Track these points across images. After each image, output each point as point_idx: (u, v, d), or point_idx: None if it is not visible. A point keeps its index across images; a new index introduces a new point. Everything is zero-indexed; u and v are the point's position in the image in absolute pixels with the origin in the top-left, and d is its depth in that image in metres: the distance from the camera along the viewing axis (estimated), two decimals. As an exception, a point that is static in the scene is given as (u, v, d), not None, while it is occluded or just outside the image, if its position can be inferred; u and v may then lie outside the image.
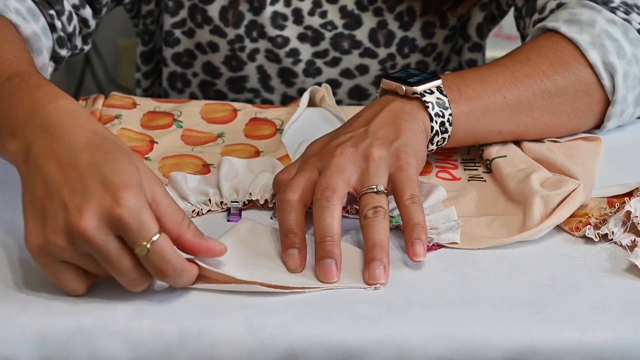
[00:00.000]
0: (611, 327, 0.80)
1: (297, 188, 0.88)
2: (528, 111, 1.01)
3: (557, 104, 1.02)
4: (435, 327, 0.80)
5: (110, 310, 0.79)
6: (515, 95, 1.00)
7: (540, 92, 1.01)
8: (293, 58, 1.27)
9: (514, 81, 1.00)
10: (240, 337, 0.78)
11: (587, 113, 1.05)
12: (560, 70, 1.02)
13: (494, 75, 1.00)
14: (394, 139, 0.91)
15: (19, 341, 0.78)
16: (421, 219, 0.87)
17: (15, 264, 0.86)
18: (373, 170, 0.89)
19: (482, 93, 0.98)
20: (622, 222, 0.90)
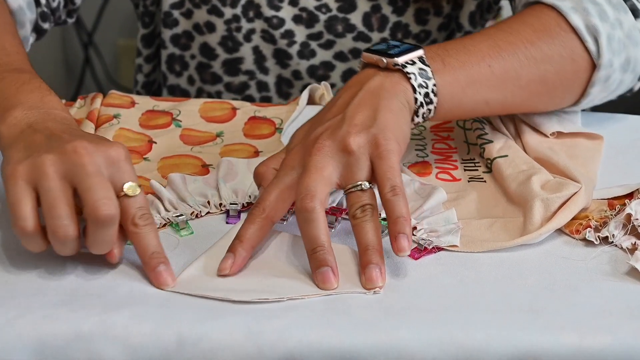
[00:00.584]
0: (611, 332, 0.80)
1: (264, 202, 0.87)
2: (515, 79, 0.99)
3: (543, 72, 1.00)
4: (435, 331, 0.79)
5: (109, 315, 0.79)
6: (501, 63, 0.98)
7: (526, 59, 0.99)
8: (288, 39, 1.27)
9: (498, 50, 0.98)
10: (239, 343, 0.78)
11: (573, 81, 1.03)
12: (544, 37, 1.00)
13: (477, 45, 0.98)
14: (371, 123, 0.89)
15: (18, 347, 0.78)
16: (404, 211, 0.85)
17: (14, 269, 0.86)
18: (354, 164, 0.87)
19: (466, 63, 0.96)
20: (622, 224, 0.90)
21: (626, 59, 1.03)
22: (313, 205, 0.84)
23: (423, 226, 0.91)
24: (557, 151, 1.02)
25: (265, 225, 0.86)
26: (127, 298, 0.81)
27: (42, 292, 0.82)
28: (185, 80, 1.33)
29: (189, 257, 0.88)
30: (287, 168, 0.89)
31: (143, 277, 0.85)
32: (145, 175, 1.00)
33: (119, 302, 0.81)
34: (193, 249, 0.89)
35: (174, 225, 0.92)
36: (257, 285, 0.84)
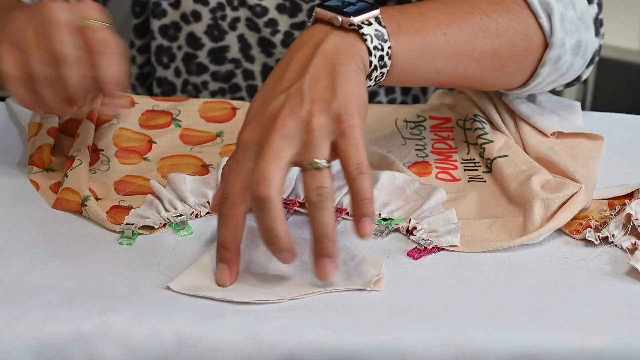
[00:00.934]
0: (611, 332, 0.80)
1: (230, 195, 0.83)
2: (469, 50, 0.97)
3: (497, 45, 0.98)
4: (435, 331, 0.79)
5: (108, 316, 0.79)
6: (456, 32, 0.95)
7: (481, 30, 0.97)
8: (271, 28, 1.27)
9: (454, 18, 0.96)
10: (239, 343, 0.78)
11: (525, 57, 1.01)
12: (499, 9, 0.98)
13: (433, 12, 0.96)
14: (332, 96, 0.85)
15: (18, 347, 0.77)
16: (368, 193, 0.83)
17: (13, 269, 0.86)
18: (313, 142, 0.83)
19: (422, 29, 0.93)
20: (622, 224, 0.90)
21: (577, 41, 1.02)
22: (267, 194, 0.81)
23: (423, 226, 0.91)
24: (558, 151, 1.02)
25: (240, 220, 0.84)
26: (127, 298, 0.81)
27: (42, 293, 0.82)
28: (173, 72, 1.33)
29: (189, 257, 0.87)
30: (244, 149, 0.84)
31: (143, 278, 0.85)
32: (145, 175, 1.00)
33: (118, 302, 0.81)
34: (193, 249, 0.89)
35: (173, 225, 0.92)
36: (257, 285, 0.83)
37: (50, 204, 0.95)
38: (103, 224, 0.92)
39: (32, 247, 0.88)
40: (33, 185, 0.98)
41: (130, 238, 0.90)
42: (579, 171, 0.96)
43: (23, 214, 0.93)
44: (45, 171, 1.00)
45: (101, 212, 0.92)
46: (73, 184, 0.95)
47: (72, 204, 0.94)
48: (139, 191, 0.97)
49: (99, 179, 0.99)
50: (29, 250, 0.88)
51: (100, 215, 0.92)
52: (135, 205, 0.95)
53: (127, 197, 0.96)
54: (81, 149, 1.00)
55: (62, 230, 0.91)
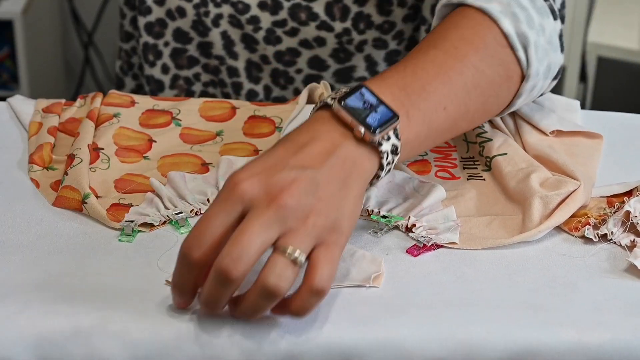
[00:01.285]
0: (610, 328, 0.80)
1: (204, 242, 0.78)
2: (465, 115, 0.95)
3: (486, 98, 0.97)
4: (434, 328, 0.80)
5: (108, 312, 0.79)
6: (455, 103, 0.93)
7: (473, 89, 0.95)
8: (254, 25, 1.28)
9: (450, 84, 0.93)
10: (238, 339, 0.78)
11: (506, 97, 1.00)
12: (485, 57, 0.96)
13: (432, 82, 0.92)
14: (336, 206, 0.81)
15: (17, 342, 0.78)
16: (307, 313, 0.79)
17: (14, 265, 0.86)
18: (303, 235, 0.78)
19: (427, 112, 0.91)
20: (621, 222, 0.90)
21: (547, 65, 1.00)
22: (237, 276, 0.76)
23: (422, 223, 0.91)
24: (557, 149, 1.02)
25: (200, 271, 0.79)
26: (127, 295, 0.82)
27: (42, 288, 0.82)
28: (159, 70, 1.33)
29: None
30: (237, 199, 0.79)
31: (143, 274, 0.85)
32: (145, 173, 1.01)
33: (118, 298, 0.81)
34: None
35: (173, 223, 0.92)
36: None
37: (50, 202, 0.95)
38: (103, 222, 0.92)
39: (33, 244, 0.89)
40: (33, 184, 0.99)
41: (130, 235, 0.90)
42: (578, 169, 0.97)
43: (23, 212, 0.94)
44: (45, 169, 1.01)
45: (101, 209, 0.92)
46: (73, 181, 0.96)
47: (72, 201, 0.94)
48: (139, 189, 0.98)
49: (99, 177, 0.99)
50: (29, 247, 0.88)
51: (101, 212, 0.92)
52: (135, 203, 0.95)
53: (127, 195, 0.97)
54: (81, 148, 1.00)
55: (62, 227, 0.91)
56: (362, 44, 1.27)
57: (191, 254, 0.78)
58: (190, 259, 0.78)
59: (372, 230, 0.92)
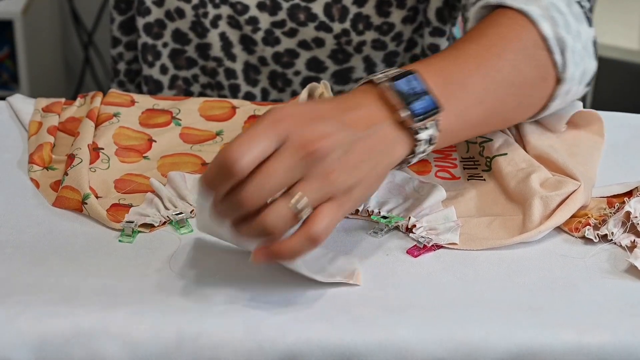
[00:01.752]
0: (610, 329, 0.80)
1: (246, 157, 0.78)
2: (499, 111, 0.98)
3: (521, 97, 0.99)
4: (434, 328, 0.80)
5: (108, 312, 0.79)
6: (492, 99, 0.96)
7: (510, 87, 0.97)
8: (252, 26, 1.28)
9: (490, 81, 0.95)
10: (238, 340, 0.78)
11: (541, 99, 1.02)
12: (523, 57, 0.98)
13: (473, 77, 0.95)
14: (361, 176, 0.83)
15: (18, 344, 0.78)
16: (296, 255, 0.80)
17: (14, 265, 0.86)
18: (318, 187, 0.80)
19: (464, 105, 0.93)
20: (621, 222, 0.90)
21: (582, 70, 1.02)
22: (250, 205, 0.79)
23: (422, 224, 0.91)
24: (558, 149, 1.02)
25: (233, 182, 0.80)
26: (127, 295, 0.82)
27: (42, 290, 0.82)
28: (158, 70, 1.33)
29: (189, 255, 0.88)
30: (279, 130, 0.80)
31: (143, 275, 0.85)
32: (145, 173, 1.01)
33: (118, 299, 0.81)
34: (193, 247, 0.89)
35: (173, 224, 0.92)
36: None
37: (50, 202, 0.95)
38: (103, 222, 0.92)
39: (33, 245, 0.89)
40: (33, 184, 0.98)
41: (130, 236, 0.90)
42: (578, 169, 0.97)
43: (23, 212, 0.93)
44: (45, 169, 1.01)
45: (101, 210, 0.92)
46: (73, 182, 0.95)
47: (72, 202, 0.94)
48: (139, 189, 0.98)
49: (99, 177, 0.99)
50: (30, 248, 0.88)
51: (101, 213, 0.92)
52: (136, 204, 0.95)
53: (127, 195, 0.97)
54: (81, 148, 1.00)
55: (63, 228, 0.91)
56: (361, 45, 1.27)
57: (234, 163, 0.78)
58: (232, 168, 0.78)
59: (372, 231, 0.92)
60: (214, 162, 0.80)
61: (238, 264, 0.86)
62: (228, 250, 0.88)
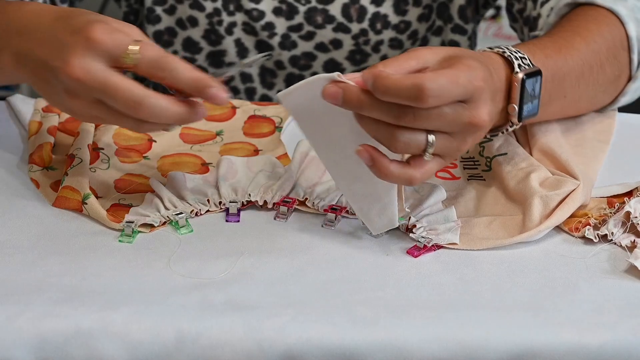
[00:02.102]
0: (611, 329, 0.80)
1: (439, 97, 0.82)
2: (575, 104, 1.04)
3: (597, 92, 1.05)
4: (434, 329, 0.79)
5: (108, 312, 0.79)
6: (573, 93, 1.02)
7: (592, 85, 1.03)
8: (269, 31, 1.28)
9: (580, 77, 1.02)
10: (238, 340, 0.78)
11: (612, 95, 1.08)
12: (611, 59, 1.05)
13: (571, 74, 1.00)
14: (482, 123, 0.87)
15: (18, 343, 0.78)
16: (385, 176, 0.85)
17: (14, 265, 0.86)
18: (451, 149, 0.85)
19: (551, 101, 0.99)
20: (621, 222, 0.90)
21: None
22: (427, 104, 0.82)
23: (422, 224, 0.91)
24: (563, 144, 1.02)
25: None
26: (127, 295, 0.81)
27: (42, 289, 0.82)
28: None
29: (189, 255, 0.88)
30: (472, 87, 0.84)
31: (143, 275, 0.85)
32: (145, 173, 1.01)
33: (118, 299, 0.81)
34: (193, 247, 0.89)
35: (173, 224, 0.92)
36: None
37: (50, 202, 0.95)
38: (103, 222, 0.92)
39: (33, 245, 0.89)
40: (33, 184, 0.98)
41: (130, 236, 0.90)
42: (579, 167, 0.97)
43: (23, 212, 0.93)
44: (45, 169, 1.00)
45: (101, 210, 0.92)
46: (73, 182, 0.95)
47: (72, 202, 0.94)
48: (139, 189, 0.97)
49: (99, 177, 0.99)
50: (30, 248, 0.88)
51: (101, 213, 0.92)
52: (135, 204, 0.95)
53: (127, 195, 0.97)
54: (81, 148, 1.00)
55: (62, 228, 0.91)
56: (379, 44, 1.28)
57: (428, 98, 0.81)
58: (422, 98, 0.81)
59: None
60: (408, 81, 0.81)
61: (238, 264, 0.86)
62: (228, 251, 0.88)
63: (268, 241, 0.90)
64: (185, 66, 0.85)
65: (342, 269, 0.86)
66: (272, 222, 0.93)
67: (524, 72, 0.91)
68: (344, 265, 0.87)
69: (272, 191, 0.95)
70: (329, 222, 0.93)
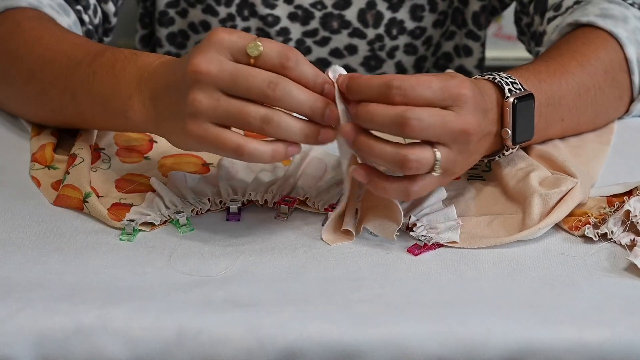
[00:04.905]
0: (610, 327, 0.80)
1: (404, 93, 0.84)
2: (575, 127, 1.05)
3: (597, 114, 1.06)
4: (434, 326, 0.80)
5: (109, 309, 0.79)
6: (571, 117, 1.03)
7: (590, 106, 1.04)
8: (283, 37, 1.28)
9: (578, 99, 1.02)
10: (239, 336, 0.78)
11: (613, 116, 1.09)
12: (609, 80, 1.05)
13: (567, 97, 1.01)
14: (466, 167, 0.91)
15: (18, 340, 0.78)
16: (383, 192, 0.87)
17: (15, 263, 0.86)
18: (449, 162, 0.87)
19: (548, 126, 1.00)
20: (621, 221, 0.90)
21: None
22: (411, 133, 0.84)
23: (423, 223, 0.91)
24: (560, 148, 1.02)
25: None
26: (127, 292, 0.82)
27: (43, 286, 0.82)
28: None
29: (189, 254, 0.88)
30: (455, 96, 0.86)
31: (143, 273, 0.85)
32: (146, 173, 1.01)
33: (119, 296, 0.81)
34: (193, 245, 0.89)
35: (174, 222, 0.92)
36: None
37: (51, 201, 0.95)
38: (104, 221, 0.92)
39: (33, 243, 0.89)
40: (34, 182, 0.99)
41: (130, 234, 0.90)
42: (577, 167, 0.97)
43: (24, 211, 0.94)
44: (46, 168, 1.01)
45: (102, 208, 0.92)
46: (74, 180, 0.96)
47: (73, 200, 0.94)
48: (140, 189, 0.98)
49: (100, 177, 0.99)
50: (30, 246, 0.88)
51: (102, 211, 0.92)
52: (136, 203, 0.95)
53: (128, 195, 0.97)
54: (83, 148, 1.00)
55: (63, 226, 0.92)
56: (394, 50, 1.28)
57: (394, 96, 0.84)
58: (389, 96, 0.84)
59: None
60: (379, 79, 0.85)
61: (239, 262, 0.87)
62: (228, 250, 0.88)
63: (269, 239, 0.90)
64: (309, 63, 0.85)
65: (343, 267, 0.87)
66: (272, 221, 0.93)
67: (515, 97, 0.91)
68: (345, 263, 0.87)
69: (272, 191, 0.95)
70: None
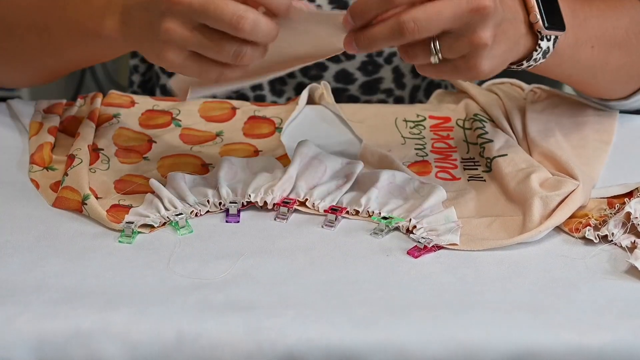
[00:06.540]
0: (611, 330, 0.80)
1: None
2: (604, 65, 1.04)
3: (624, 63, 1.05)
4: (435, 329, 0.79)
5: (108, 313, 0.79)
6: (600, 52, 1.02)
7: (618, 47, 1.03)
8: None
9: (605, 36, 1.02)
10: (238, 340, 0.78)
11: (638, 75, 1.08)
12: (635, 28, 1.04)
13: (592, 20, 1.01)
14: (494, 57, 0.90)
15: (17, 344, 0.78)
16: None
17: (13, 266, 0.86)
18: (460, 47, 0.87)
19: (579, 43, 1.00)
20: (622, 223, 0.90)
21: None
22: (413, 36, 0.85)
23: (423, 225, 0.91)
24: (563, 147, 1.02)
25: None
26: (127, 296, 0.81)
27: (42, 290, 0.82)
28: None
29: (189, 257, 0.88)
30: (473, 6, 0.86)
31: (142, 276, 0.85)
32: (145, 174, 1.01)
33: (118, 299, 0.81)
34: (192, 248, 0.89)
35: (173, 224, 0.92)
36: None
37: (50, 203, 0.95)
38: (103, 223, 0.92)
39: (32, 246, 0.89)
40: (33, 184, 0.98)
41: (130, 237, 0.90)
42: (579, 168, 0.97)
43: (23, 213, 0.93)
44: (45, 170, 1.00)
45: (101, 210, 0.92)
46: (73, 182, 0.95)
47: (72, 202, 0.94)
48: (139, 190, 0.97)
49: (99, 178, 0.99)
50: (29, 249, 0.88)
51: (101, 213, 0.92)
52: (135, 204, 0.95)
53: (127, 196, 0.96)
54: (81, 148, 1.00)
55: (62, 228, 0.91)
56: (392, 55, 1.27)
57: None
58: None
59: (372, 232, 0.92)
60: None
61: (238, 264, 0.86)
62: (228, 251, 0.88)
63: (268, 242, 0.90)
64: None
65: (342, 270, 0.86)
66: (272, 223, 0.93)
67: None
68: (344, 266, 0.87)
69: (272, 192, 0.95)
70: (329, 223, 0.93)
